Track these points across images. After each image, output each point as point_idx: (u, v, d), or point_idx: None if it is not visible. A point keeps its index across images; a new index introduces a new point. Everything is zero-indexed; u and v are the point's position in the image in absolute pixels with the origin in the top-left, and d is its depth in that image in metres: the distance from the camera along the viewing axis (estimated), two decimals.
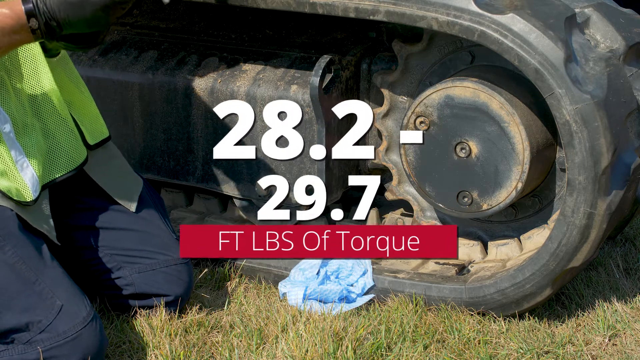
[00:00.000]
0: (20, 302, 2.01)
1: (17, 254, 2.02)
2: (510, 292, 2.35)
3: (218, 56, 2.76)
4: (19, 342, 2.02)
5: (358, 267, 2.53)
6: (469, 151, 2.39)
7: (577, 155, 2.19)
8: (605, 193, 2.21)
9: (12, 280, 2.01)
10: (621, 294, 2.54)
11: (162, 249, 2.35)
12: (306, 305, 2.41)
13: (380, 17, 2.30)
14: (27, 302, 2.01)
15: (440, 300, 2.42)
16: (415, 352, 2.21)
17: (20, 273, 2.01)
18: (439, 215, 2.62)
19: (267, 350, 2.22)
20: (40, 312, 2.01)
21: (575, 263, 2.28)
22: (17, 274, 2.01)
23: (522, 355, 2.23)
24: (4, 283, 2.00)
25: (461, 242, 2.59)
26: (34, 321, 2.01)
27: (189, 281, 2.38)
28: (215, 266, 2.69)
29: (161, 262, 2.34)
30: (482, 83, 2.36)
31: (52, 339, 2.01)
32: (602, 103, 2.18)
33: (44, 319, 2.01)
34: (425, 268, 2.56)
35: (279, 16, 2.67)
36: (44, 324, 2.01)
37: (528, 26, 2.18)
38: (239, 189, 2.76)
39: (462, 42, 2.50)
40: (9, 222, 2.04)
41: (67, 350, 2.01)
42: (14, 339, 2.02)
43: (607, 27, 2.32)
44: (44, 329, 2.01)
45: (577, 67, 2.20)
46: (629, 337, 2.33)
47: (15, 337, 2.02)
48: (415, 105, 2.43)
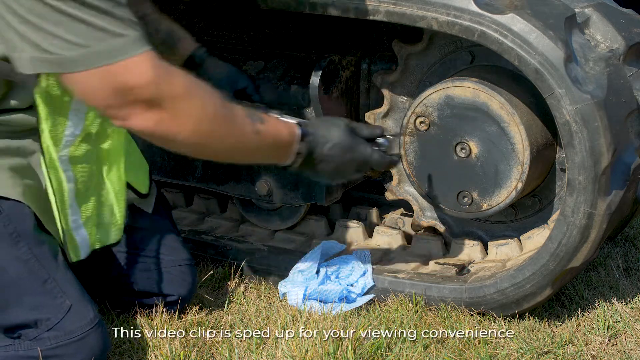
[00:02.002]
0: (30, 298, 2.02)
1: (31, 252, 2.03)
2: (510, 292, 2.35)
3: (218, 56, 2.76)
4: (26, 338, 2.02)
5: (358, 267, 2.53)
6: (469, 151, 2.39)
7: (577, 155, 2.19)
8: (605, 193, 2.21)
9: (24, 276, 2.02)
10: (621, 294, 2.54)
11: (168, 249, 2.36)
12: (306, 305, 2.41)
13: (380, 17, 2.30)
14: (38, 299, 2.02)
15: (440, 300, 2.42)
16: (415, 352, 2.20)
17: (32, 270, 2.02)
18: (439, 215, 2.62)
19: (267, 350, 2.22)
20: (50, 310, 2.02)
21: (575, 263, 2.28)
22: (30, 270, 2.02)
23: (522, 355, 2.23)
24: (17, 279, 2.01)
25: (461, 242, 2.59)
26: (42, 319, 2.02)
27: (192, 283, 2.39)
28: (215, 266, 2.69)
29: (166, 262, 2.35)
30: (482, 83, 2.36)
31: (59, 337, 2.02)
32: (602, 103, 2.18)
33: (53, 317, 2.02)
34: (425, 268, 2.56)
35: (279, 16, 2.67)
36: (53, 322, 2.02)
37: (528, 26, 2.18)
38: (239, 189, 2.76)
39: (462, 42, 2.50)
40: (26, 220, 2.04)
41: (73, 350, 2.02)
42: (21, 335, 2.03)
43: (607, 27, 2.32)
44: (52, 327, 2.02)
45: (577, 67, 2.20)
46: (629, 337, 2.33)
47: (22, 332, 2.03)
48: (415, 105, 2.43)
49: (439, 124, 2.41)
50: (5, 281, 2.01)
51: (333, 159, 2.11)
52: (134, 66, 1.80)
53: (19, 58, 1.83)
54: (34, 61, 1.81)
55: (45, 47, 1.78)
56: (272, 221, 2.82)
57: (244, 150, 2.00)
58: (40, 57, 1.79)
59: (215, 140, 1.93)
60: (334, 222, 2.78)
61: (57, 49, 1.78)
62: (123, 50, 1.79)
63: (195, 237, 2.78)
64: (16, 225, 2.02)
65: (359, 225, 2.72)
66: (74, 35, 1.77)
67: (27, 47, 1.80)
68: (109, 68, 1.79)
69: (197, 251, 2.70)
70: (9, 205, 2.02)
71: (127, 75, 1.80)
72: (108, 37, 1.78)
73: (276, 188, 2.69)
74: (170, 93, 1.83)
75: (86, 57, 1.78)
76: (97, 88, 1.82)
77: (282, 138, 2.05)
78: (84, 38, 1.77)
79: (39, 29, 1.77)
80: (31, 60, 1.81)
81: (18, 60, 1.84)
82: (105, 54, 1.79)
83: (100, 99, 1.83)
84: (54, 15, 1.76)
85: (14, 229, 2.02)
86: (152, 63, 1.82)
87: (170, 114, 1.84)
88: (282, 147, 2.06)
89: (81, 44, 1.77)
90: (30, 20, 1.77)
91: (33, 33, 1.77)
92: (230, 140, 1.95)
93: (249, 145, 1.99)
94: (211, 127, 1.90)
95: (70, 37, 1.77)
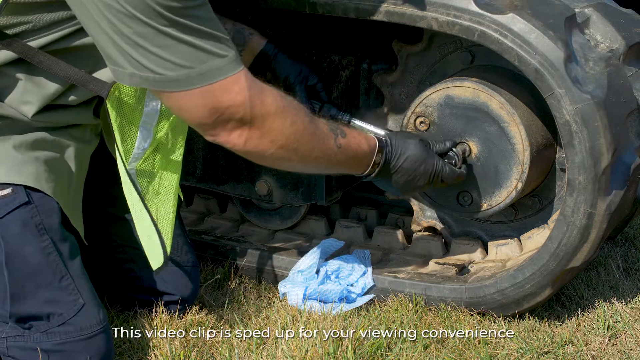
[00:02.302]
0: (46, 292, 2.03)
1: (54, 246, 2.04)
2: (510, 292, 2.35)
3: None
4: (37, 331, 2.04)
5: (358, 267, 2.53)
6: (469, 151, 2.39)
7: (577, 155, 2.19)
8: (605, 193, 2.21)
9: (44, 268, 2.03)
10: (621, 294, 2.54)
11: (176, 250, 2.37)
12: (306, 305, 2.41)
13: (380, 17, 2.31)
14: (53, 293, 2.04)
15: (440, 300, 2.42)
16: (415, 352, 2.20)
17: (52, 264, 2.04)
18: (439, 215, 2.62)
19: (267, 350, 2.22)
20: (64, 305, 2.04)
21: (575, 263, 2.28)
22: (50, 264, 2.04)
23: (522, 355, 2.23)
24: (36, 270, 2.03)
25: (461, 242, 2.59)
26: (55, 313, 2.04)
27: (196, 285, 2.41)
28: (215, 266, 2.69)
29: (173, 262, 2.35)
30: (482, 83, 2.36)
31: (69, 333, 2.04)
32: (602, 103, 2.18)
33: (66, 312, 2.04)
34: (425, 268, 2.56)
35: (279, 16, 2.66)
36: (65, 318, 2.04)
37: (528, 26, 2.18)
38: (239, 189, 2.76)
39: (462, 42, 2.50)
40: (53, 215, 2.06)
41: (81, 348, 2.04)
42: (32, 326, 2.04)
43: (607, 27, 2.32)
44: (64, 322, 2.04)
45: (577, 67, 2.20)
46: (629, 337, 2.33)
47: (34, 324, 2.04)
48: (415, 105, 2.43)
49: (439, 124, 2.41)
50: (25, 271, 2.02)
51: (407, 171, 2.25)
52: (231, 85, 1.88)
53: (117, 71, 1.88)
54: (134, 77, 1.86)
55: (147, 65, 1.83)
56: (272, 221, 2.82)
57: (326, 163, 2.10)
58: (141, 75, 1.85)
59: (301, 155, 2.03)
60: (334, 222, 2.78)
61: (161, 68, 1.83)
62: (223, 71, 1.87)
63: (195, 237, 2.78)
64: (43, 217, 2.04)
65: (359, 225, 2.72)
66: (179, 58, 1.83)
67: (127, 64, 1.85)
68: (208, 87, 1.86)
69: (197, 251, 2.69)
70: (38, 197, 2.05)
71: (224, 94, 1.88)
72: (211, 58, 1.85)
73: (276, 188, 2.69)
74: (261, 112, 1.92)
75: (188, 77, 1.85)
76: (195, 106, 1.89)
77: (362, 150, 2.17)
78: (189, 60, 1.84)
79: (144, 49, 1.82)
80: (131, 75, 1.86)
81: (116, 72, 1.89)
82: (208, 75, 1.86)
83: (196, 117, 1.90)
84: (161, 38, 1.81)
85: (41, 221, 2.04)
86: (247, 82, 1.90)
87: (260, 132, 1.94)
88: (362, 159, 2.18)
89: (185, 65, 1.84)
90: (137, 41, 1.81)
91: (137, 53, 1.82)
92: (315, 154, 2.05)
93: (331, 158, 2.09)
94: (298, 143, 2.00)
95: (175, 59, 1.83)
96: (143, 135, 2.10)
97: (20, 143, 2.06)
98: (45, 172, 2.07)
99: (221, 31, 1.88)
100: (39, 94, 2.05)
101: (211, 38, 1.85)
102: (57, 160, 2.11)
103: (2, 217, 2.01)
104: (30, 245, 2.02)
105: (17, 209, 2.02)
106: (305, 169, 2.19)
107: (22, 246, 2.02)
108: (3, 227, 2.01)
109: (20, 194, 2.02)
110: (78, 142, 2.16)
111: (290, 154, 2.01)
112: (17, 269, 2.01)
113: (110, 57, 1.87)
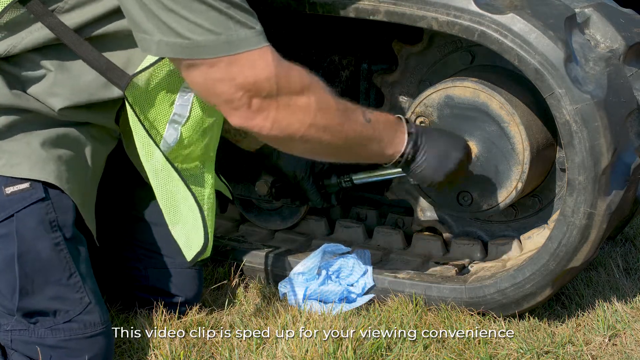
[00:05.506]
0: (54, 288, 2.04)
1: (66, 243, 2.05)
2: (510, 292, 2.35)
3: None
4: (42, 326, 2.04)
5: (359, 267, 2.53)
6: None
7: (577, 155, 2.19)
8: (605, 193, 2.21)
9: (54, 265, 2.04)
10: (621, 294, 2.54)
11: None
12: (306, 305, 2.41)
13: (380, 17, 2.30)
14: (61, 290, 2.04)
15: (440, 300, 2.42)
16: (415, 352, 2.21)
17: (62, 261, 2.04)
18: (439, 215, 2.62)
19: (267, 350, 2.22)
20: (70, 303, 2.05)
21: (575, 263, 2.28)
22: (60, 261, 2.04)
23: (522, 355, 2.23)
24: (47, 266, 2.03)
25: (461, 242, 2.59)
26: (62, 309, 2.04)
27: (200, 287, 2.41)
28: (215, 266, 2.69)
29: (178, 263, 2.36)
30: (482, 83, 2.36)
31: (74, 330, 2.04)
32: (602, 103, 2.18)
33: (72, 310, 2.05)
34: (425, 268, 2.56)
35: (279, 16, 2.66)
36: (71, 315, 2.05)
37: (528, 26, 2.18)
38: (239, 189, 2.76)
39: (462, 42, 2.50)
40: (68, 212, 2.07)
41: (84, 346, 2.05)
42: (38, 321, 2.05)
43: (607, 27, 2.32)
44: (69, 319, 2.04)
45: (577, 67, 2.20)
46: (629, 337, 2.33)
47: (39, 319, 2.05)
48: (415, 105, 2.43)
49: (439, 124, 2.41)
50: (36, 266, 2.03)
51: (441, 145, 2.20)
52: (257, 59, 1.86)
53: (145, 39, 1.86)
54: (161, 44, 1.84)
55: (175, 28, 1.82)
56: (272, 221, 2.82)
57: (358, 140, 2.05)
58: (168, 41, 1.83)
59: (331, 133, 1.98)
60: (334, 222, 2.78)
61: (189, 32, 1.82)
62: (250, 42, 1.85)
63: None
64: (58, 215, 2.05)
65: (359, 225, 2.72)
66: (209, 22, 1.82)
67: (155, 30, 1.83)
68: (234, 58, 1.84)
69: None
70: (55, 194, 2.05)
71: (250, 69, 1.85)
72: (239, 27, 1.84)
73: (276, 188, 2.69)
74: (288, 89, 1.89)
75: (215, 44, 1.83)
76: (219, 80, 1.86)
77: (391, 121, 2.13)
78: (217, 25, 1.82)
79: (174, 13, 1.81)
80: (158, 43, 1.84)
81: (143, 41, 1.87)
82: (235, 44, 1.84)
83: (221, 93, 1.87)
84: (192, 2, 1.80)
85: (55, 218, 2.04)
86: (273, 58, 1.88)
87: (287, 112, 1.90)
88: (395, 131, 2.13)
89: (213, 30, 1.82)
90: (167, 4, 1.81)
91: (167, 16, 1.81)
92: (345, 131, 2.00)
93: (363, 134, 2.05)
94: (327, 119, 1.96)
95: (203, 23, 1.82)
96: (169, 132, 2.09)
97: (44, 140, 2.06)
98: (66, 171, 2.07)
99: (249, 6, 1.87)
100: (70, 87, 2.04)
101: (241, 9, 1.85)
102: (77, 159, 2.11)
103: (18, 211, 2.02)
104: (42, 241, 2.02)
105: (33, 204, 2.02)
106: (337, 152, 2.08)
107: (35, 241, 2.02)
108: (18, 221, 2.02)
109: (38, 190, 2.03)
110: (96, 141, 2.16)
111: (320, 133, 1.96)
112: (28, 263, 2.02)
113: (138, 24, 1.85)
